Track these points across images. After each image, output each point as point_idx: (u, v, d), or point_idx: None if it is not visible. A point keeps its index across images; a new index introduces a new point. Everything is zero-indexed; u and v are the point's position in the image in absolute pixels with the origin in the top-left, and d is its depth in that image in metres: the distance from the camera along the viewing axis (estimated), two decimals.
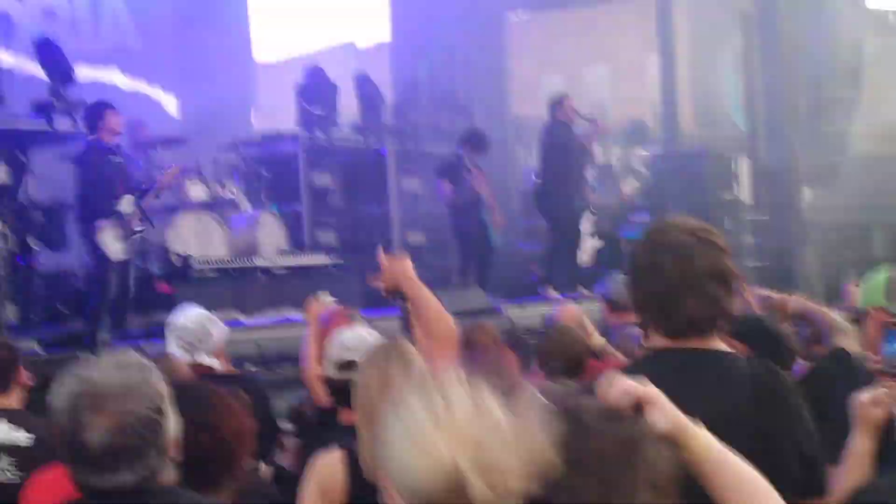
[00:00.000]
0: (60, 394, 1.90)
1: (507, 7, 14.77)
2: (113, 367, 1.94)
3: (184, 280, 9.09)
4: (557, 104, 10.30)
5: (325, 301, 4.98)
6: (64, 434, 1.89)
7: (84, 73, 10.89)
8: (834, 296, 6.16)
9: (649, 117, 14.42)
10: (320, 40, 14.53)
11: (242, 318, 8.98)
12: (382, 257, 3.11)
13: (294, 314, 9.02)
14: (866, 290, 4.13)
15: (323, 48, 13.79)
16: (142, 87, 12.89)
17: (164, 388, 1.97)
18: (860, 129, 12.40)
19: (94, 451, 1.84)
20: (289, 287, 9.99)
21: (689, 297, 2.23)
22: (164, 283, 9.23)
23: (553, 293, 9.25)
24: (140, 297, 8.95)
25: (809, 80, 12.17)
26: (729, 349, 2.33)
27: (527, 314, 8.43)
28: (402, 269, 3.03)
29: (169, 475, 1.99)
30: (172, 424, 1.96)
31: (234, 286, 9.56)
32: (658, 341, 2.31)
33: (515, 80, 14.90)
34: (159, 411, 1.90)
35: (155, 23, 13.52)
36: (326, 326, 4.36)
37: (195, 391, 2.55)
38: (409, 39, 14.26)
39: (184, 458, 2.05)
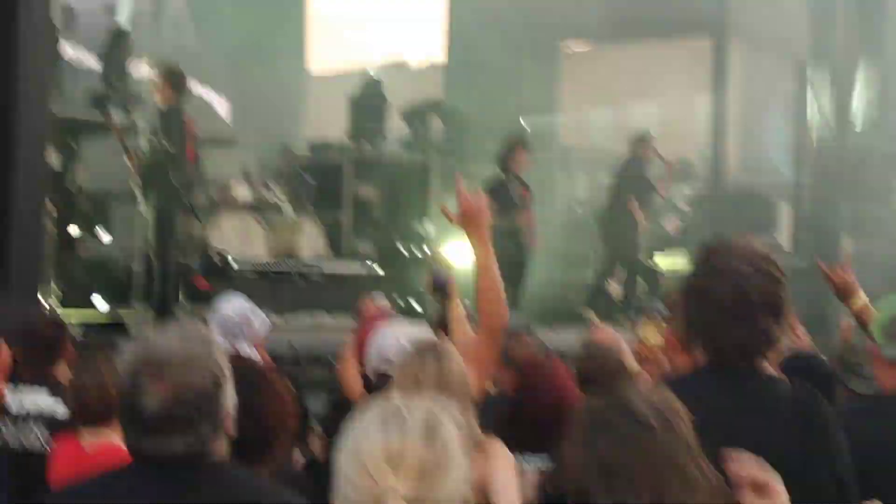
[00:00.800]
0: (125, 358, 1.97)
1: (563, 36, 14.99)
2: (177, 338, 2.00)
3: (222, 278, 9.14)
4: (641, 141, 10.67)
5: (379, 303, 4.95)
6: (123, 397, 1.96)
7: (143, 69, 11.07)
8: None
9: (695, 156, 14.28)
10: (375, 56, 14.58)
11: (277, 319, 8.84)
12: (462, 188, 2.81)
13: (328, 318, 9.44)
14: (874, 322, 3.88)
15: (377, 64, 13.91)
16: (195, 86, 12.34)
17: (225, 364, 2.03)
18: None
19: (149, 417, 1.89)
20: (325, 293, 10.14)
21: (738, 326, 2.21)
22: (202, 279, 9.26)
23: (594, 318, 9.24)
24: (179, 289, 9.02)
25: (858, 133, 12.31)
26: (773, 373, 2.32)
27: (559, 338, 8.22)
28: (480, 210, 2.75)
29: (221, 449, 2.02)
30: (229, 400, 2.02)
31: (271, 288, 9.56)
32: (704, 361, 2.28)
33: (563, 109, 15.15)
34: (217, 385, 1.96)
35: (213, 25, 13.87)
36: (372, 325, 4.30)
37: (249, 372, 2.55)
38: (463, 62, 14.50)
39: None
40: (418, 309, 9.88)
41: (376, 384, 3.58)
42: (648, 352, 4.58)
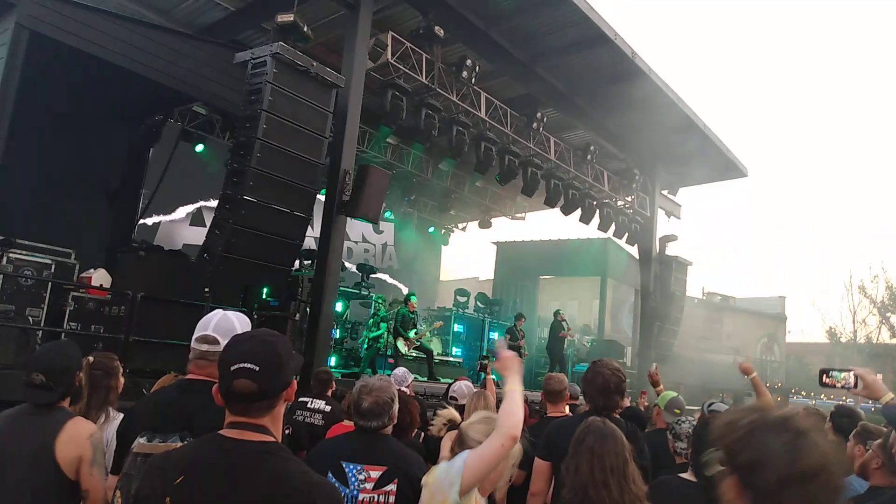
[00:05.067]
0: (363, 387, 2.69)
1: (540, 274, 21.70)
2: (378, 379, 2.77)
3: (401, 359, 11.02)
4: (557, 314, 14.29)
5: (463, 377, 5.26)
6: (353, 402, 2.64)
7: (377, 275, 16.73)
8: None
9: (592, 324, 20.58)
10: (467, 274, 20.91)
11: (421, 378, 10.96)
12: (502, 347, 2.67)
13: (441, 378, 11.40)
14: (661, 399, 4.62)
15: (467, 277, 20.36)
16: (396, 282, 19.50)
17: (395, 391, 2.76)
18: (677, 342, 17.06)
19: (363, 411, 2.61)
20: (441, 368, 12.72)
21: (605, 397, 3.24)
22: (391, 358, 11.46)
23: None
24: (379, 363, 11.53)
25: (658, 321, 16.35)
26: (618, 416, 3.16)
27: (535, 393, 8.82)
28: (511, 362, 2.52)
29: (388, 428, 2.68)
30: (395, 407, 2.72)
31: (418, 365, 11.89)
32: (590, 410, 3.15)
33: (540, 302, 21.52)
34: (392, 400, 2.67)
35: (405, 258, 20.19)
36: (459, 381, 4.91)
37: (404, 399, 3.21)
38: (500, 280, 21.01)
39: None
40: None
41: (460, 407, 4.22)
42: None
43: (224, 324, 2.28)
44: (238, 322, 2.30)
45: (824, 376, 2.66)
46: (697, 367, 18.98)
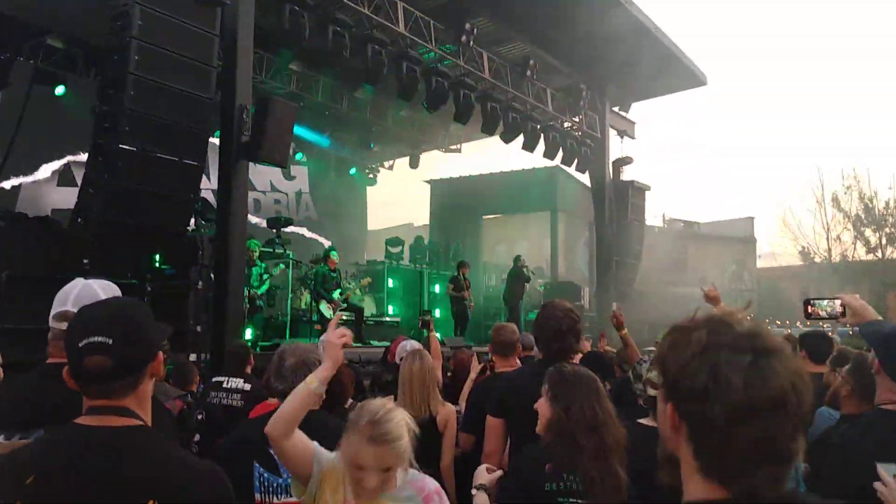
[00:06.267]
0: (287, 346, 2.89)
1: (482, 213, 22.43)
2: (301, 343, 3.03)
3: (328, 323, 12.99)
4: (518, 259, 15.04)
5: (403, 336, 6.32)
6: (275, 367, 2.86)
7: (290, 228, 16.12)
8: None
9: (544, 266, 21.02)
10: (398, 220, 21.25)
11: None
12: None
13: (374, 342, 12.03)
14: None
15: (399, 224, 20.88)
16: (315, 236, 19.65)
17: (321, 353, 2.78)
18: (638, 277, 17.96)
19: (287, 369, 2.77)
20: (374, 330, 13.79)
21: (558, 341, 3.35)
22: (317, 324, 11.63)
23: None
24: (304, 331, 11.82)
25: (616, 255, 17.20)
26: (576, 363, 3.10)
27: (482, 349, 8.48)
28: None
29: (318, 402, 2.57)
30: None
31: (350, 327, 10.74)
32: (541, 358, 3.38)
33: (484, 245, 22.11)
34: (318, 362, 2.64)
35: (324, 207, 20.49)
36: (399, 341, 5.41)
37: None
38: (437, 223, 21.53)
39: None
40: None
41: (395, 367, 4.70)
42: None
43: (85, 295, 2.20)
44: (103, 292, 2.23)
45: (809, 307, 2.79)
46: (662, 302, 19.77)
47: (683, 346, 1.20)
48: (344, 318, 12.27)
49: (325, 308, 11.80)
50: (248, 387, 5.35)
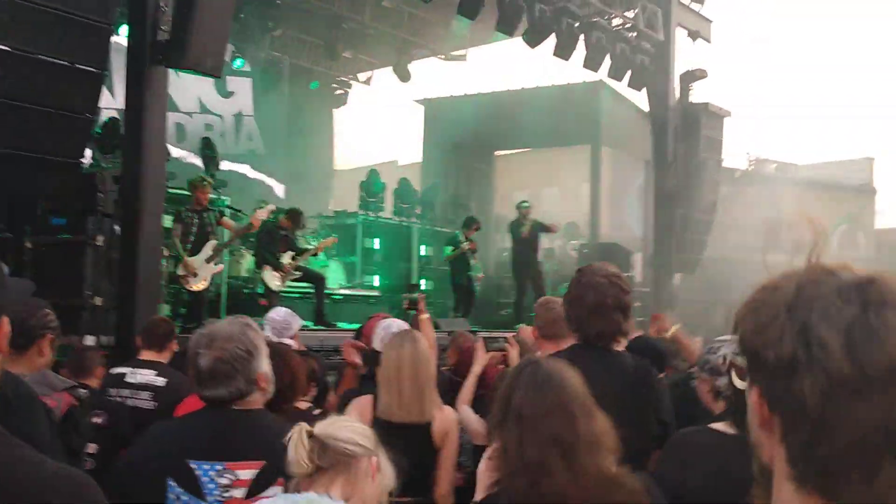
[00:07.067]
0: (194, 337, 2.82)
1: (495, 147, 22.42)
2: (227, 323, 2.85)
3: (277, 297, 11.56)
4: (519, 208, 15.08)
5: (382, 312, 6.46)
6: (190, 360, 2.80)
7: (226, 165, 16.87)
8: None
9: (581, 221, 20.86)
10: (377, 156, 21.09)
11: (311, 323, 11.49)
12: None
13: (343, 324, 12.28)
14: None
15: (379, 161, 20.58)
16: (262, 176, 19.57)
17: (259, 340, 2.83)
18: (712, 239, 17.91)
19: (203, 372, 2.75)
20: (344, 307, 14.20)
21: (598, 320, 3.41)
22: (263, 299, 12.01)
23: (521, 326, 10.13)
24: (246, 306, 11.96)
25: (681, 208, 17.23)
26: (621, 350, 3.52)
27: (494, 335, 9.79)
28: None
29: (257, 400, 2.83)
30: (263, 365, 2.80)
31: (309, 304, 12.56)
32: (577, 343, 3.49)
33: (497, 193, 22.03)
34: (249, 353, 2.75)
35: (273, 136, 20.41)
36: (376, 321, 5.45)
37: (278, 350, 3.45)
38: (433, 161, 21.46)
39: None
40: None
41: (374, 355, 4.80)
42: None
43: None
44: None
45: None
46: (746, 274, 19.42)
47: (767, 305, 1.15)
48: (300, 292, 12.59)
49: (269, 277, 11.83)
50: (161, 381, 5.36)
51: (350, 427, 2.36)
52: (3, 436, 1.70)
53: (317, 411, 4.36)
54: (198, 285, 10.68)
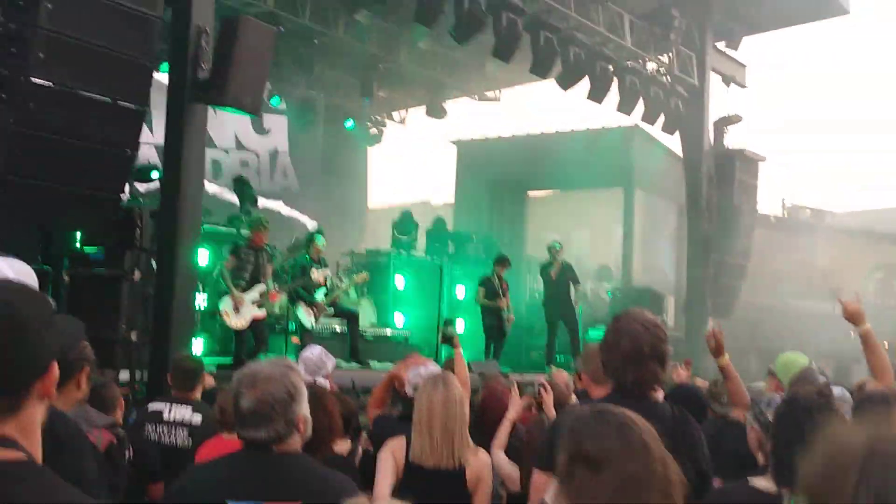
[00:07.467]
0: (243, 376, 2.82)
1: (528, 188, 22.39)
2: (269, 364, 2.85)
3: (310, 335, 11.46)
4: (552, 250, 14.89)
5: (421, 359, 5.73)
6: (232, 401, 2.82)
7: (261, 202, 16.69)
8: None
9: (612, 264, 20.79)
10: (410, 195, 21.13)
11: (343, 363, 11.37)
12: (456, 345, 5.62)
13: (375, 363, 12.25)
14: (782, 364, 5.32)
15: (412, 201, 20.52)
16: (295, 214, 19.71)
17: (300, 383, 2.83)
18: (746, 284, 17.83)
19: (244, 413, 2.74)
20: (374, 347, 13.94)
21: (635, 368, 3.36)
22: (295, 337, 12.03)
23: (553, 367, 10.03)
24: (277, 344, 12.15)
25: (715, 253, 17.31)
26: (658, 399, 3.49)
27: (525, 379, 10.10)
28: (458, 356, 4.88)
29: (295, 442, 2.81)
30: (303, 408, 2.80)
31: (341, 342, 12.47)
32: (612, 391, 3.44)
33: (529, 234, 21.95)
34: (291, 396, 2.76)
35: (308, 173, 20.63)
36: (409, 364, 5.36)
37: (314, 393, 3.35)
38: (466, 202, 21.50)
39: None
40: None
41: (408, 402, 4.74)
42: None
43: None
44: (12, 271, 2.25)
45: None
46: (779, 320, 19.71)
47: (836, 464, 1.20)
48: (336, 329, 12.64)
49: (302, 314, 11.82)
50: (198, 417, 5.34)
51: None
52: (51, 478, 1.70)
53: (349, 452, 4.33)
54: (238, 322, 10.70)
